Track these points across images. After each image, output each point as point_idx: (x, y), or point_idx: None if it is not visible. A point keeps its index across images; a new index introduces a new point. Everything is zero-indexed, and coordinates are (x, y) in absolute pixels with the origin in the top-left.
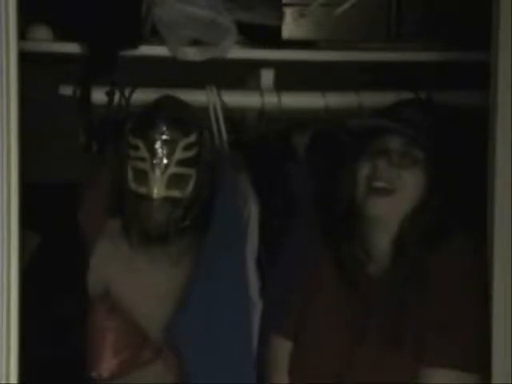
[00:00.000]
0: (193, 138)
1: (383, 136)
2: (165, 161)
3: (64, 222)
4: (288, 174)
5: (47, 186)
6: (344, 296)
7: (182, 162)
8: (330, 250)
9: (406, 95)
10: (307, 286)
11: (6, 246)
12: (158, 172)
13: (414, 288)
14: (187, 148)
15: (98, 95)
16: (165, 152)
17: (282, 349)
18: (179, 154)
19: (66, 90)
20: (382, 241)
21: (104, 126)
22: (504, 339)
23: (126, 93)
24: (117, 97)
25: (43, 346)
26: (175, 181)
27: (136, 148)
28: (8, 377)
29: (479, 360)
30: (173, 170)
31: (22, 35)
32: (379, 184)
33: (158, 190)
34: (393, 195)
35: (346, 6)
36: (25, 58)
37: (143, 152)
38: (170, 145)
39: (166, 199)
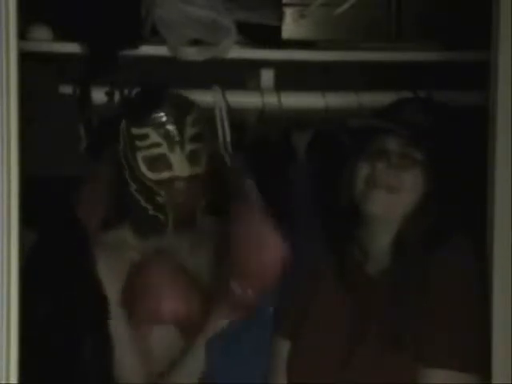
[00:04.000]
0: (194, 114)
1: (382, 137)
2: (180, 139)
3: (64, 221)
4: (288, 174)
5: (47, 185)
6: (343, 296)
7: (193, 138)
8: (330, 249)
9: (406, 95)
10: (307, 285)
11: (5, 244)
12: (178, 152)
13: (414, 288)
14: (193, 124)
15: (98, 95)
16: (177, 131)
17: (281, 348)
18: (190, 131)
19: (66, 90)
20: (382, 241)
21: (104, 125)
22: (504, 339)
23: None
24: (117, 97)
25: (42, 345)
26: (193, 158)
27: (144, 137)
28: (8, 377)
29: (479, 360)
30: (189, 147)
31: (22, 35)
32: (378, 185)
33: (183, 169)
34: (392, 196)
35: (345, 6)
36: (25, 58)
37: (155, 137)
38: (179, 124)
39: (190, 177)
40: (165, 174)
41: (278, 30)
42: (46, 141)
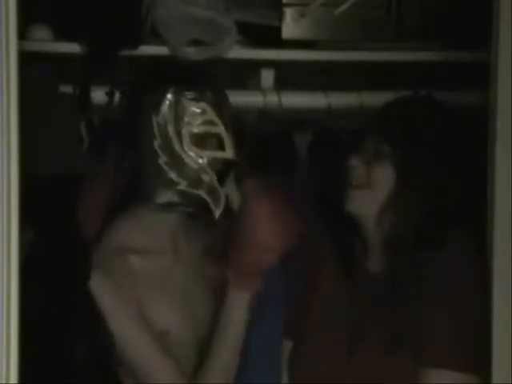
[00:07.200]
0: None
1: (369, 136)
2: (229, 123)
3: (64, 221)
4: (289, 174)
5: (48, 185)
6: (343, 295)
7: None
8: (330, 248)
9: (406, 95)
10: (307, 285)
11: (6, 243)
12: (229, 135)
13: (413, 288)
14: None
15: (98, 95)
16: (228, 114)
17: (282, 348)
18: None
19: (66, 90)
20: (374, 239)
21: (104, 125)
22: (504, 339)
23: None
24: (117, 97)
25: (42, 344)
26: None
27: (201, 113)
28: (8, 377)
29: (479, 360)
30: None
31: (22, 35)
32: (355, 182)
33: (234, 153)
34: (365, 192)
35: (346, 5)
36: (25, 58)
37: (211, 115)
38: (225, 107)
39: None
40: (215, 154)
41: (278, 30)
42: (47, 140)
